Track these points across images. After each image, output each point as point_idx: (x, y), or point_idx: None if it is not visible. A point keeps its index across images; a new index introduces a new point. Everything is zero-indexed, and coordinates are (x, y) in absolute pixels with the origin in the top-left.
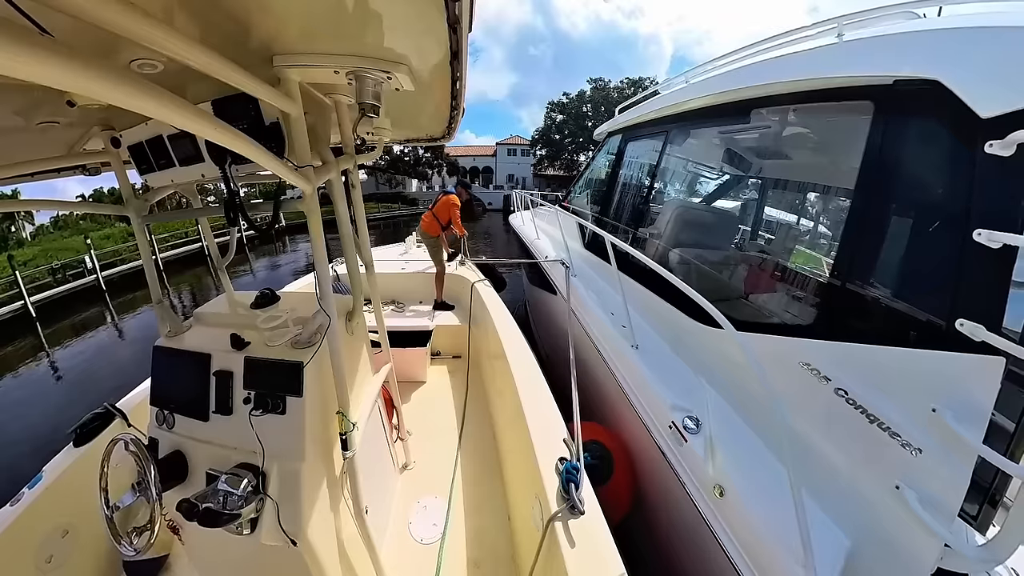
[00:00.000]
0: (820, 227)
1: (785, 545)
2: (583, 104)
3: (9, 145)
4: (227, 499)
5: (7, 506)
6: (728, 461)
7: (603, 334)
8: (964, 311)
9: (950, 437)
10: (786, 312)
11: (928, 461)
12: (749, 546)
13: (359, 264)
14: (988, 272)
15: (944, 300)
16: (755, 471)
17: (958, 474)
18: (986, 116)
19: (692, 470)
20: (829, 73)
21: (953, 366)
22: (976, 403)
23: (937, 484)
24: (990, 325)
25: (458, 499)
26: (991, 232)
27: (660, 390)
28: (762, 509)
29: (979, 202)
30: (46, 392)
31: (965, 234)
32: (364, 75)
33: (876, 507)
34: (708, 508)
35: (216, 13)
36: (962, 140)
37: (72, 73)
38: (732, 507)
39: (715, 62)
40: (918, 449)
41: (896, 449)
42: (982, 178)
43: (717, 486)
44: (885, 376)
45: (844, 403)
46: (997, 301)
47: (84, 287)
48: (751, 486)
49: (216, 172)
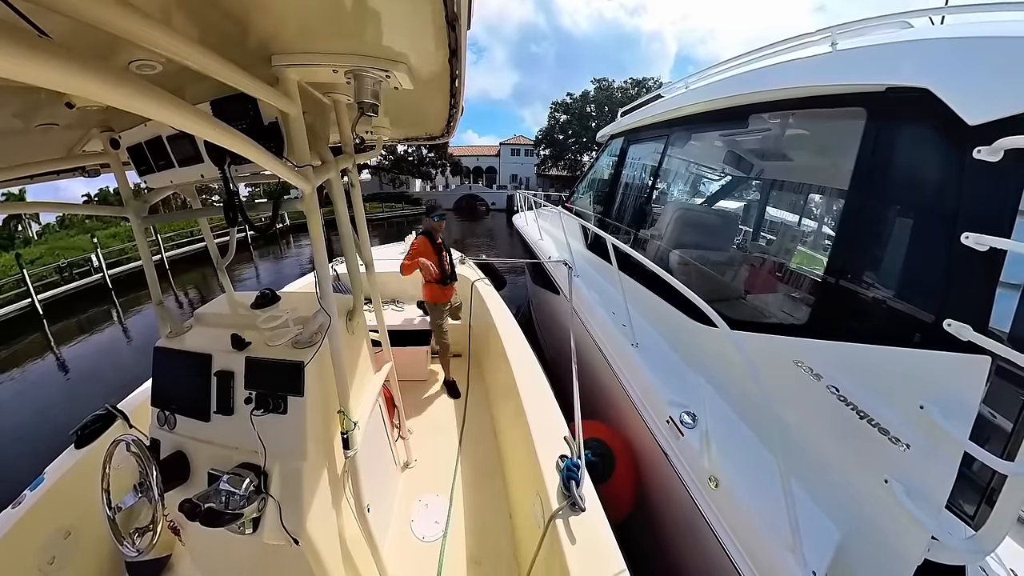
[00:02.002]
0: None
1: (776, 532)
2: (587, 104)
3: (8, 147)
4: (229, 499)
5: (9, 508)
6: (722, 454)
7: (604, 333)
8: (952, 312)
9: (937, 433)
10: (780, 311)
11: (916, 456)
12: (741, 534)
13: (359, 263)
14: (975, 274)
15: (933, 301)
16: (748, 463)
17: (945, 469)
18: (974, 123)
19: (688, 463)
20: (823, 80)
21: (941, 365)
22: (963, 400)
23: (924, 478)
24: (977, 325)
25: (459, 497)
26: (978, 235)
27: (658, 386)
28: (754, 498)
29: (967, 206)
30: (52, 388)
31: (953, 237)
32: (363, 74)
33: (866, 500)
34: (703, 499)
35: (214, 13)
36: (951, 146)
37: (71, 75)
38: (726, 497)
39: (714, 68)
40: (906, 444)
41: (885, 444)
42: (970, 183)
43: (712, 478)
44: (875, 374)
45: (835, 400)
46: (984, 302)
47: (91, 285)
48: (744, 477)
49: (215, 172)
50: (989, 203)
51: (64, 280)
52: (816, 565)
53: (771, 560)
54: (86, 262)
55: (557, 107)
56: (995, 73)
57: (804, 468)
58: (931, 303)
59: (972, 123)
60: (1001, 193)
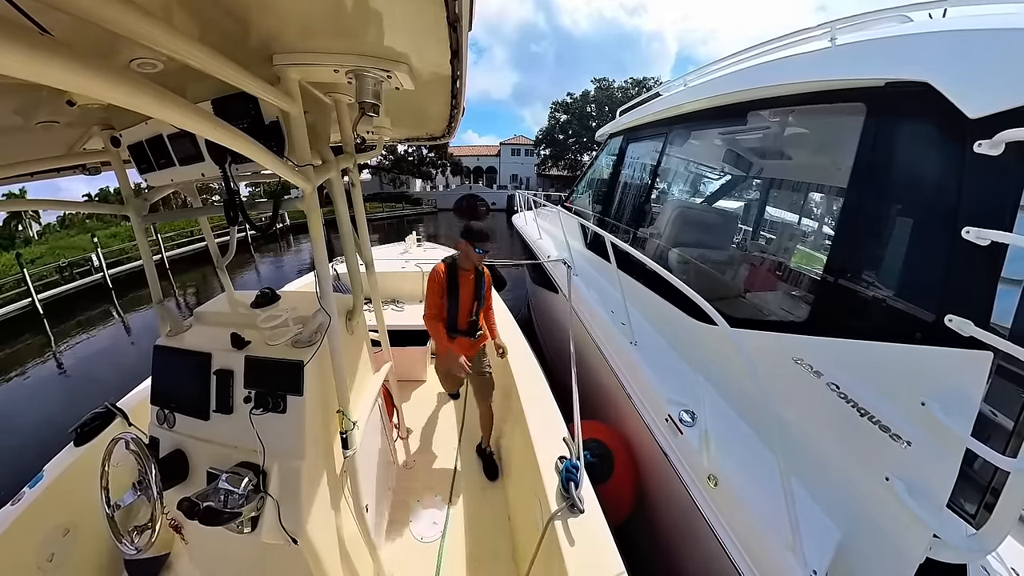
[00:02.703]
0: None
1: (776, 531)
2: (587, 104)
3: (9, 144)
4: (228, 497)
5: (8, 505)
6: (722, 452)
7: (603, 331)
8: (953, 307)
9: (939, 430)
10: (780, 309)
11: (917, 453)
12: (741, 533)
13: (359, 263)
14: (977, 269)
15: (934, 296)
16: (747, 461)
17: (947, 466)
18: (975, 117)
19: (687, 461)
20: (823, 76)
21: (942, 361)
22: (964, 397)
23: (926, 476)
24: (978, 320)
25: (458, 497)
26: (980, 230)
27: (657, 385)
28: (754, 497)
29: (968, 200)
30: (50, 388)
31: (954, 232)
32: (364, 74)
33: (867, 498)
34: (703, 498)
35: (215, 11)
36: (952, 140)
37: (72, 72)
38: (725, 496)
39: (713, 65)
40: (908, 442)
41: (886, 442)
42: (971, 177)
43: (711, 476)
44: (876, 371)
45: (836, 397)
46: (985, 297)
47: (91, 285)
48: (743, 476)
49: (216, 171)
50: (990, 197)
51: (64, 280)
52: (817, 564)
53: (771, 560)
54: (86, 262)
55: (557, 107)
56: (995, 66)
57: (804, 466)
58: (932, 299)
59: (973, 116)
60: (1002, 187)
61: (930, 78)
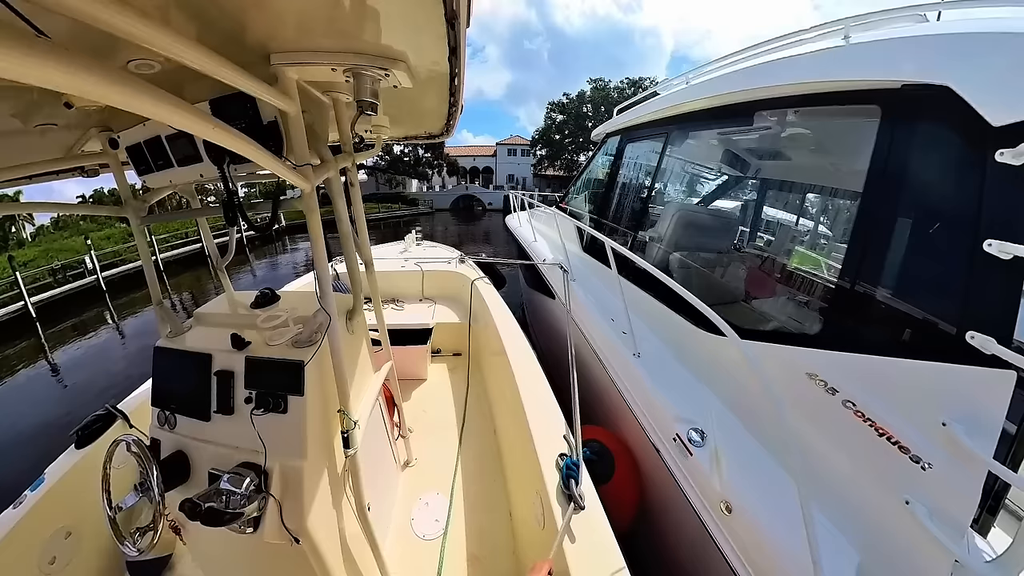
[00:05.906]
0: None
1: (795, 564)
2: (583, 104)
3: (7, 148)
4: (230, 498)
5: (9, 508)
6: (735, 476)
7: (603, 341)
8: (974, 323)
9: (961, 452)
10: (792, 320)
11: (938, 476)
12: (758, 564)
13: (359, 263)
14: (999, 284)
15: (954, 312)
16: (763, 487)
17: (968, 489)
18: (998, 124)
19: (698, 485)
20: (835, 76)
21: (963, 379)
22: (987, 417)
23: (947, 499)
24: (1001, 338)
25: (459, 495)
26: (1002, 243)
27: (663, 400)
28: (771, 527)
29: (989, 212)
30: (45, 393)
31: (975, 245)
32: (362, 72)
33: (886, 522)
34: (715, 525)
35: (212, 11)
36: (972, 148)
37: (69, 74)
38: (740, 524)
39: (717, 63)
40: (928, 464)
41: (905, 463)
42: (992, 187)
43: (724, 502)
44: (894, 389)
45: (852, 416)
46: (1008, 313)
47: (84, 288)
48: (759, 503)
49: (215, 172)
50: (1013, 209)
51: (57, 282)
52: None
53: None
54: (80, 264)
55: (553, 107)
56: (1020, 71)
57: (820, 488)
58: (952, 314)
59: (996, 124)
60: None
61: (951, 81)
